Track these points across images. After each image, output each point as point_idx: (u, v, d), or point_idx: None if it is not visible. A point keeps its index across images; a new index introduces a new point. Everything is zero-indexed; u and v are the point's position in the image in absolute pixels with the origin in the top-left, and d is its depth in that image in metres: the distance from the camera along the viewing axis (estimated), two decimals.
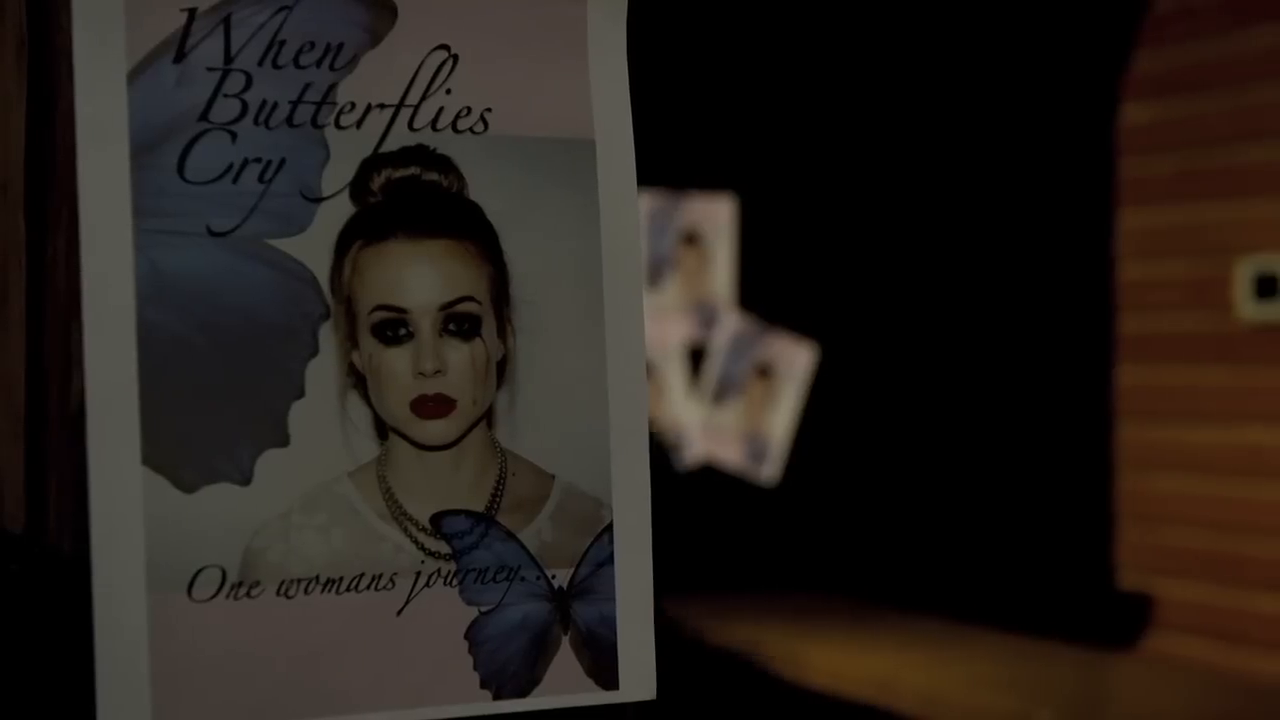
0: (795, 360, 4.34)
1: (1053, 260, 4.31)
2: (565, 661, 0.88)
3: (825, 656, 3.49)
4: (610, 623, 0.89)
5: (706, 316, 4.34)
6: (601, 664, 0.89)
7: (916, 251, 4.40)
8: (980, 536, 4.33)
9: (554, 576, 0.88)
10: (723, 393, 4.34)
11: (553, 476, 0.89)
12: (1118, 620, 4.11)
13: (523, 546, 0.88)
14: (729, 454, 4.32)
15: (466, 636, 0.86)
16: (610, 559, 0.90)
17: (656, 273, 4.31)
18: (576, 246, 0.90)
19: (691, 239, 4.35)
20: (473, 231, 0.88)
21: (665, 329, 4.29)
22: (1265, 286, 3.78)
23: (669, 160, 4.28)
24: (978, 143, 4.37)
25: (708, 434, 4.31)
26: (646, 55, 1.04)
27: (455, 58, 0.88)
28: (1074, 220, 4.30)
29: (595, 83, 0.91)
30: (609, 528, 0.90)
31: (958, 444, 4.36)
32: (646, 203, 4.28)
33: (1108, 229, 4.22)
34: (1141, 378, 4.13)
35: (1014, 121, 4.34)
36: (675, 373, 4.31)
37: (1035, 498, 4.30)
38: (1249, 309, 3.82)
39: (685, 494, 4.28)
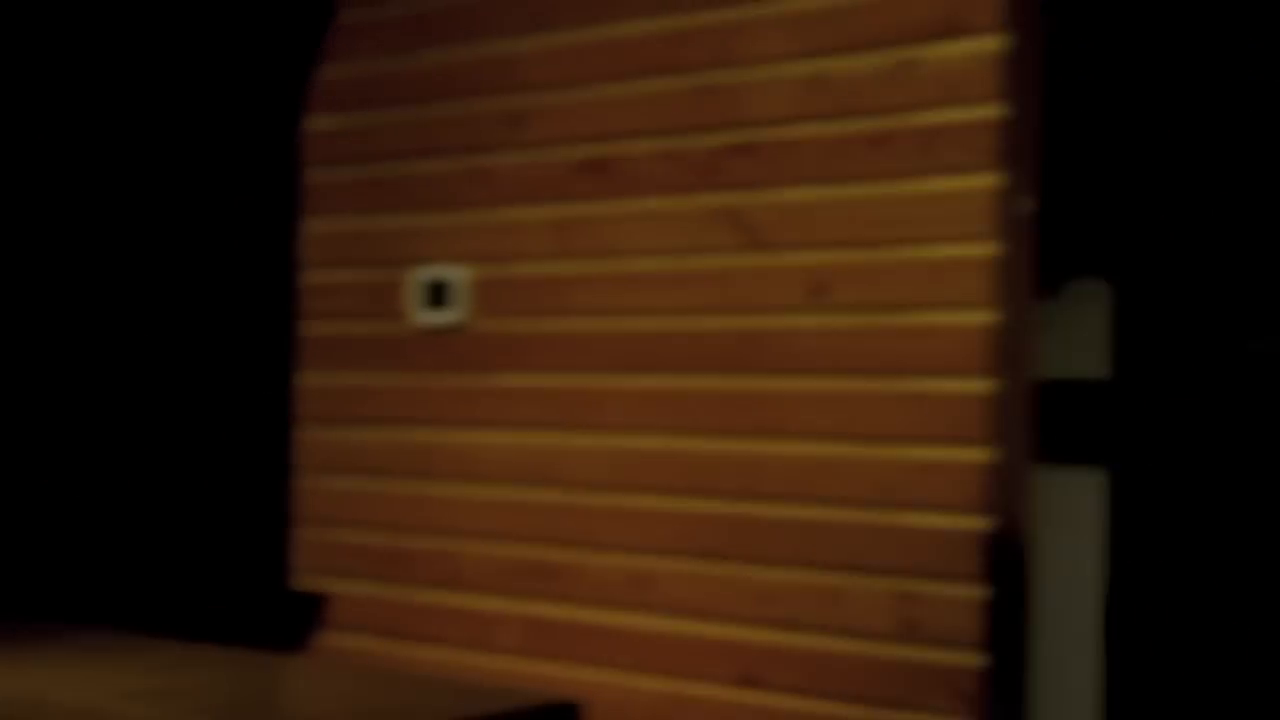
0: None
1: (238, 267, 4.33)
2: None
3: None
4: None
5: None
6: None
7: (103, 255, 4.30)
8: (153, 546, 4.29)
9: None
10: None
11: None
12: (291, 622, 4.18)
13: None
14: None
15: None
16: None
17: None
18: None
19: None
20: None
21: None
22: (435, 294, 3.96)
23: None
24: (165, 150, 4.33)
25: None
26: None
27: None
28: (259, 227, 4.33)
29: None
30: None
31: (131, 453, 4.30)
32: None
33: (292, 236, 4.29)
34: (321, 381, 4.22)
35: (201, 128, 4.33)
36: None
37: (213, 505, 4.31)
38: (420, 316, 3.99)
39: None
